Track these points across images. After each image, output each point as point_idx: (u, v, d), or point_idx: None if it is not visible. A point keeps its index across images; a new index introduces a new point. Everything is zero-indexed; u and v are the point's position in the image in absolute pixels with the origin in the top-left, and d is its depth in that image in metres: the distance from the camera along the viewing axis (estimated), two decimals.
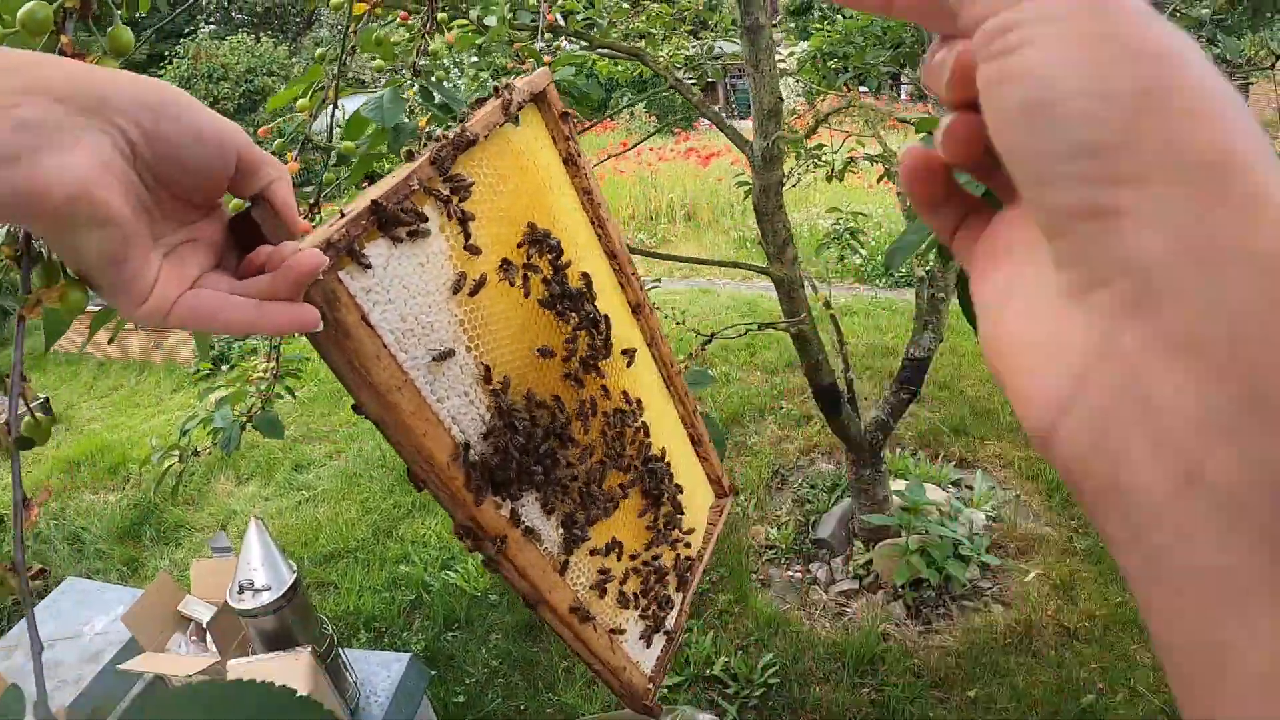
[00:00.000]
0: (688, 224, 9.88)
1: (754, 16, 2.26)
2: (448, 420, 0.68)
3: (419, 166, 0.65)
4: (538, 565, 0.76)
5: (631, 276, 0.92)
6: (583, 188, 0.86)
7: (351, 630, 3.53)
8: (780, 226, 2.57)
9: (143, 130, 0.45)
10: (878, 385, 5.19)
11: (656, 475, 0.91)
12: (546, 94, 0.81)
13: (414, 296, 0.65)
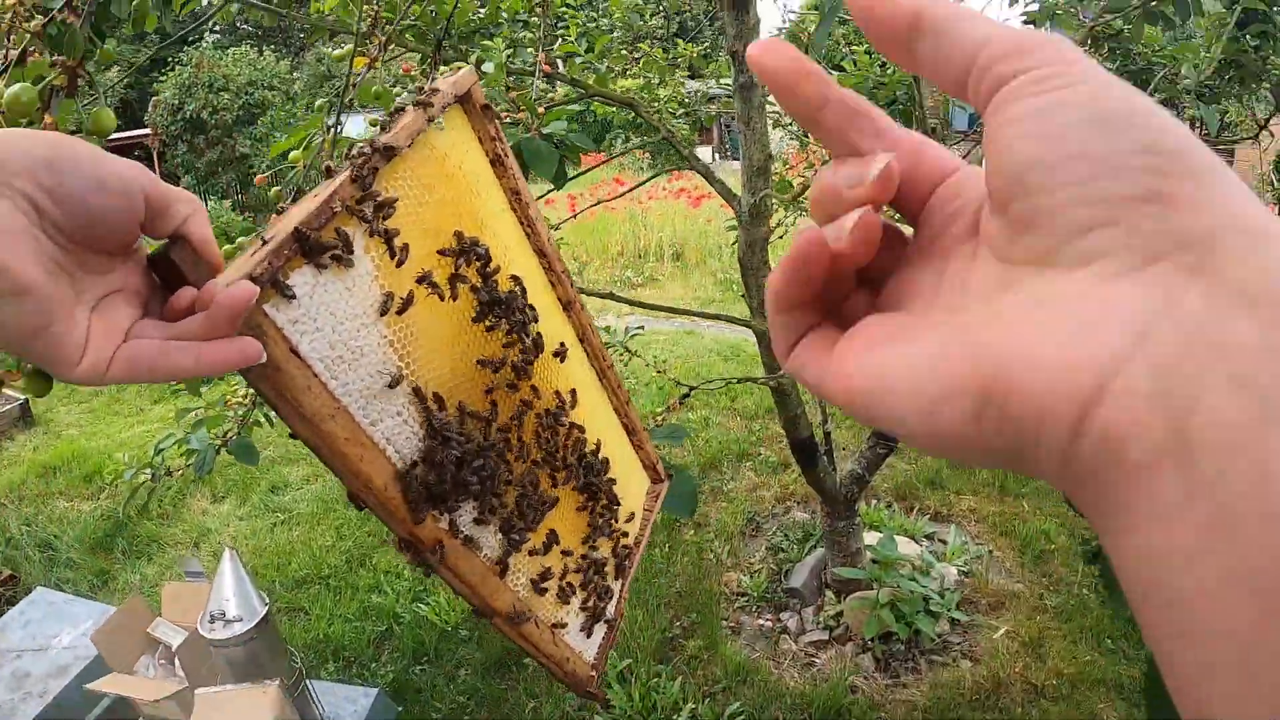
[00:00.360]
0: (676, 263, 9.93)
1: (748, 75, 2.30)
2: (382, 442, 0.68)
3: (340, 186, 0.64)
4: (478, 571, 0.77)
5: (561, 274, 0.92)
6: (510, 188, 0.86)
7: (320, 658, 3.51)
8: (764, 281, 2.60)
9: (42, 188, 0.44)
10: (856, 435, 5.20)
11: (592, 470, 0.92)
12: (471, 94, 0.80)
13: (342, 322, 0.64)
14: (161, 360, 0.49)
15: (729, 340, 7.23)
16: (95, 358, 0.47)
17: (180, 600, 2.33)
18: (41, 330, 0.45)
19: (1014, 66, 0.29)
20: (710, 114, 4.32)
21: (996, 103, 0.30)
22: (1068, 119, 0.28)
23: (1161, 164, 0.26)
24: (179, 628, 2.29)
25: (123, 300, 0.51)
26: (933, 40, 0.32)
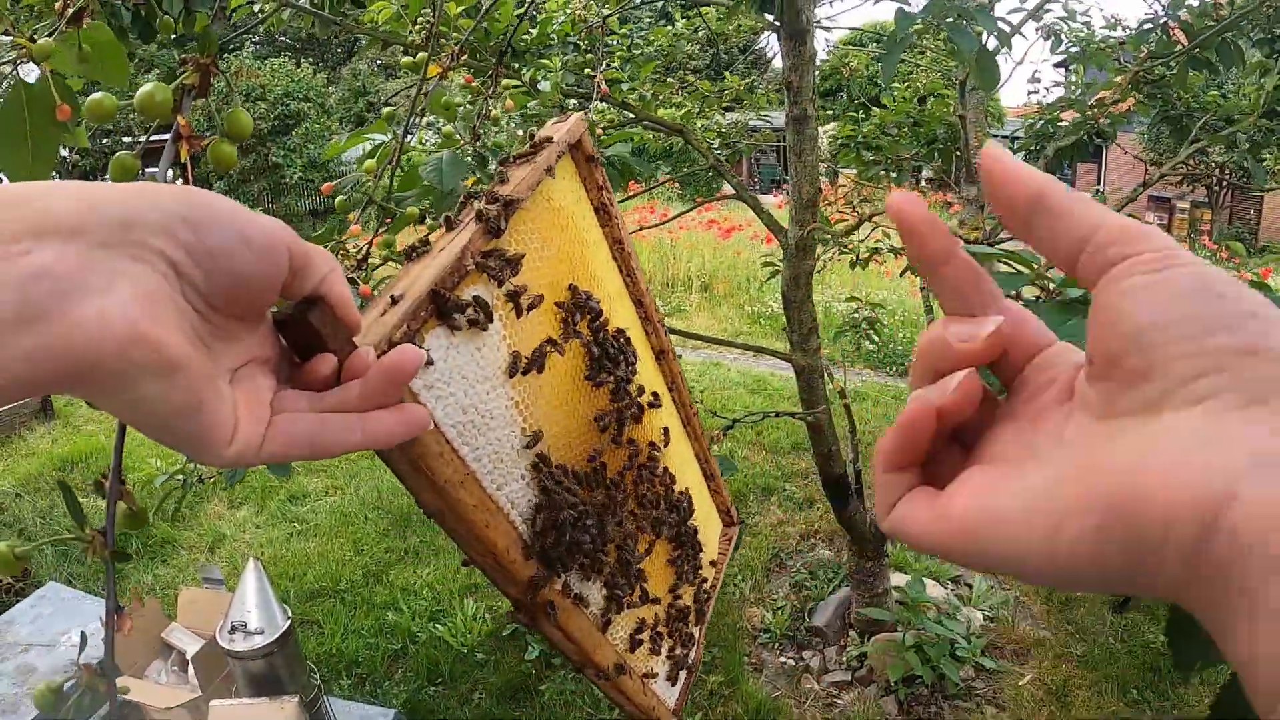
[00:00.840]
0: (704, 295, 9.90)
1: (801, 107, 2.27)
2: (507, 506, 0.67)
3: (470, 241, 0.62)
4: (585, 629, 0.76)
5: (658, 324, 0.91)
6: (615, 238, 0.85)
7: (333, 673, 3.47)
8: (807, 315, 2.57)
9: (184, 248, 0.39)
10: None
11: (681, 516, 0.91)
12: (581, 143, 0.79)
13: (473, 385, 0.63)
14: (321, 436, 0.45)
15: (754, 373, 7.19)
16: (247, 437, 0.43)
17: (196, 606, 2.30)
18: (190, 411, 0.40)
19: (1124, 250, 0.33)
20: (749, 146, 4.31)
21: (1108, 279, 0.34)
22: (1179, 288, 0.32)
23: (1261, 326, 0.30)
24: (194, 634, 2.26)
25: (259, 370, 0.46)
26: (1051, 219, 0.36)
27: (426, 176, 1.20)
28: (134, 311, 0.36)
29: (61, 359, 0.34)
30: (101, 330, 0.35)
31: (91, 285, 0.35)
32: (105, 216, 0.37)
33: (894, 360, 7.60)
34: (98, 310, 0.35)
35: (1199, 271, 0.32)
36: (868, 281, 8.61)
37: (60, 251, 0.35)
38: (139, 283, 0.37)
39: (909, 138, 4.05)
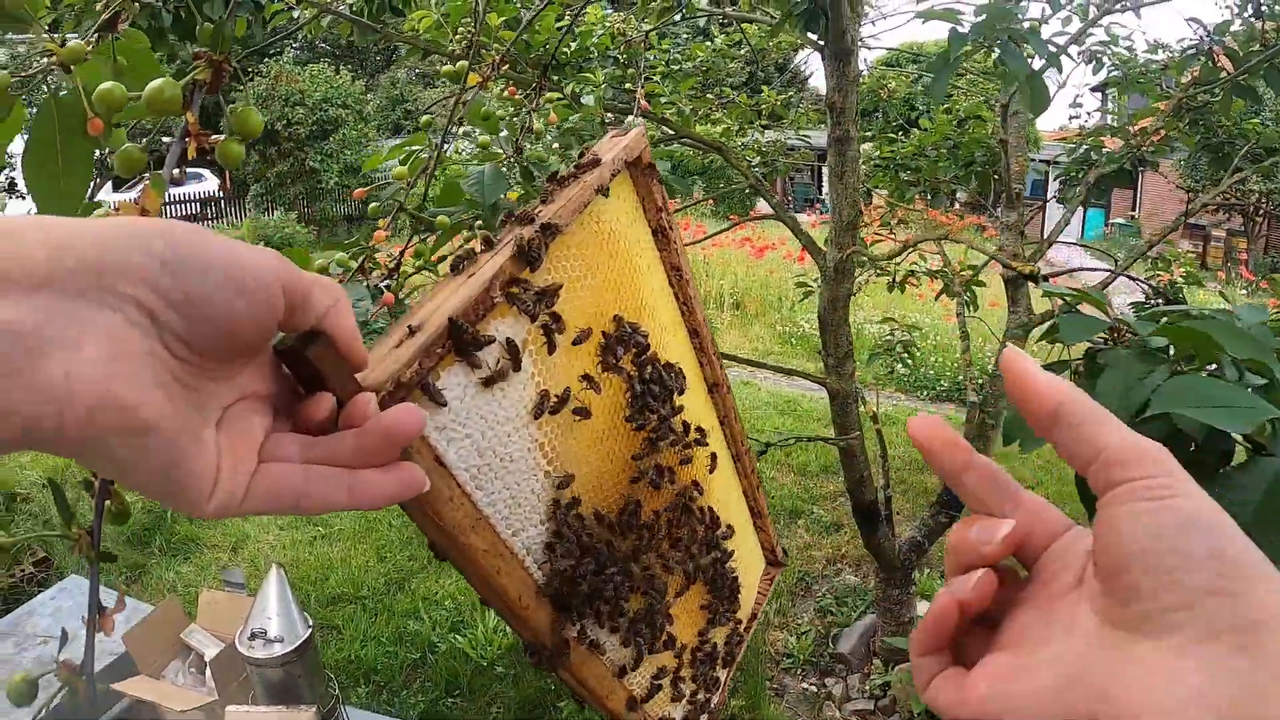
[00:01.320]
0: (735, 313, 9.86)
1: (844, 128, 2.25)
2: (521, 552, 0.63)
3: (501, 269, 0.57)
4: (599, 675, 0.72)
5: (713, 356, 0.86)
6: (672, 264, 0.79)
7: (351, 680, 3.45)
8: (844, 339, 2.54)
9: (161, 294, 0.36)
10: (911, 501, 5.10)
11: (718, 558, 0.85)
12: (642, 159, 0.72)
13: (493, 426, 0.58)
14: (306, 494, 0.42)
15: (785, 394, 7.14)
16: (228, 491, 0.40)
17: (217, 609, 2.28)
18: (165, 469, 0.37)
19: (1129, 473, 0.38)
20: (787, 165, 4.29)
21: (1111, 497, 0.38)
22: (1169, 522, 0.36)
23: (1227, 569, 0.34)
24: (213, 637, 2.24)
25: (250, 408, 0.43)
26: (1067, 431, 0.40)
27: (468, 190, 1.17)
28: (103, 371, 0.33)
29: (22, 425, 0.32)
30: (68, 394, 0.32)
31: (58, 341, 0.32)
32: (77, 262, 0.34)
33: (925, 385, 7.54)
34: (64, 371, 0.32)
35: (1190, 506, 0.36)
36: (901, 304, 8.54)
37: (25, 305, 0.32)
38: (111, 336, 0.34)
39: (948, 160, 4.02)
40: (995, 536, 0.43)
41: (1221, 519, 0.36)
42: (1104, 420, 0.40)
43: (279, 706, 1.78)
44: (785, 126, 4.55)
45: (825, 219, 2.68)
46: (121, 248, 0.35)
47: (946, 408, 7.17)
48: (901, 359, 4.01)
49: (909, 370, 7.37)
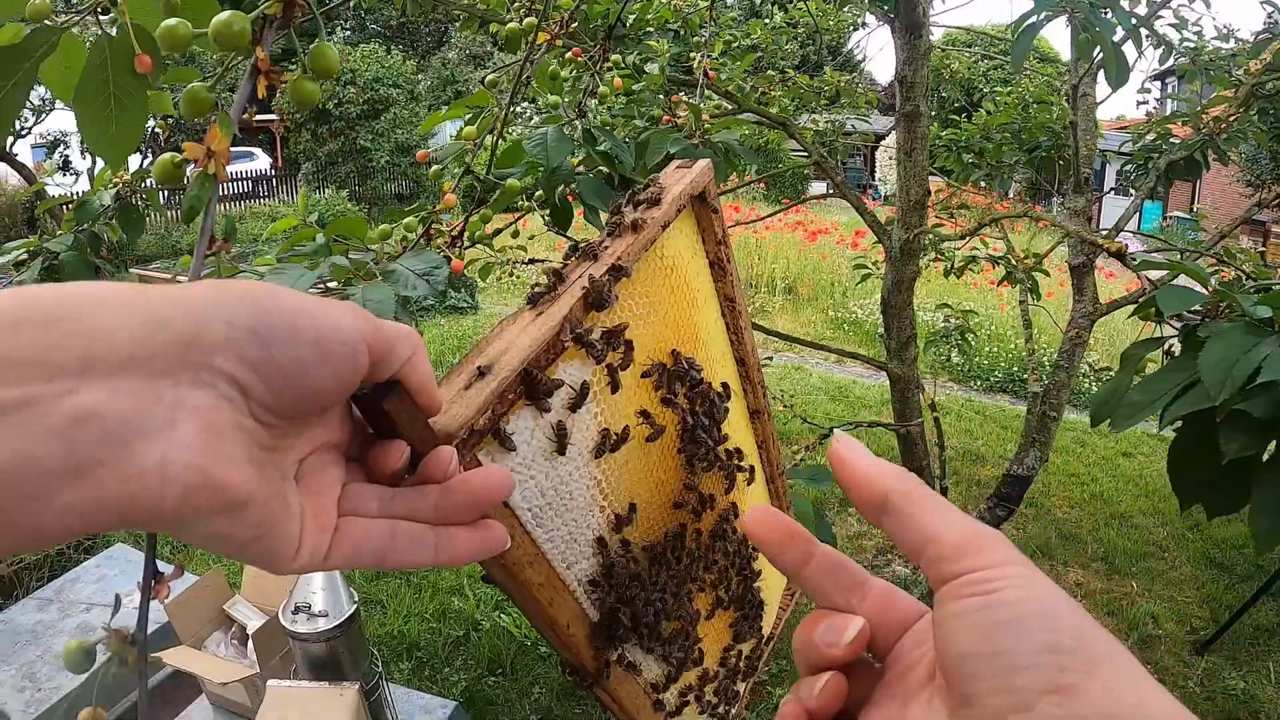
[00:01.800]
0: (787, 297, 9.77)
1: (914, 103, 2.17)
2: (574, 585, 0.63)
3: (570, 312, 0.56)
4: (633, 694, 0.73)
5: (757, 384, 0.86)
6: (726, 295, 0.79)
7: (394, 655, 3.45)
8: (907, 323, 2.46)
9: (251, 366, 0.35)
10: (964, 492, 5.02)
11: (748, 581, 0.86)
12: (706, 193, 0.72)
13: (555, 467, 0.58)
14: (392, 552, 0.42)
15: (836, 380, 7.07)
16: (313, 550, 0.40)
17: (261, 582, 2.27)
18: (256, 539, 0.37)
19: (954, 568, 0.37)
20: (845, 147, 4.22)
21: (941, 595, 0.37)
22: (996, 620, 0.34)
23: (1063, 661, 0.32)
24: (257, 610, 2.23)
25: (325, 459, 0.42)
26: (895, 520, 0.40)
27: (531, 151, 1.13)
28: (199, 457, 0.32)
29: (118, 512, 0.31)
30: (163, 481, 0.31)
31: (149, 426, 0.31)
32: (163, 337, 0.32)
33: (979, 375, 7.43)
34: (159, 458, 0.31)
35: (1015, 597, 0.35)
36: (955, 292, 8.42)
37: (112, 389, 0.30)
38: (203, 415, 0.33)
39: (1012, 144, 3.93)
40: (841, 640, 0.41)
41: (1055, 605, 0.35)
42: (932, 508, 0.39)
43: (321, 682, 1.76)
44: (843, 107, 4.47)
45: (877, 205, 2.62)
46: (209, 318, 0.34)
47: (1000, 399, 7.07)
48: (958, 346, 3.93)
49: (964, 359, 7.27)
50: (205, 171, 0.64)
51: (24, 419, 0.29)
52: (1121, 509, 4.90)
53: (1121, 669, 0.33)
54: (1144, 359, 1.22)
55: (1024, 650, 0.33)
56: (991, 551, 0.37)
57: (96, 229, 1.44)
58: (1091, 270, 2.86)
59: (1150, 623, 3.76)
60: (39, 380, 0.29)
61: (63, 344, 0.30)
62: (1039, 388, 2.94)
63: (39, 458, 0.29)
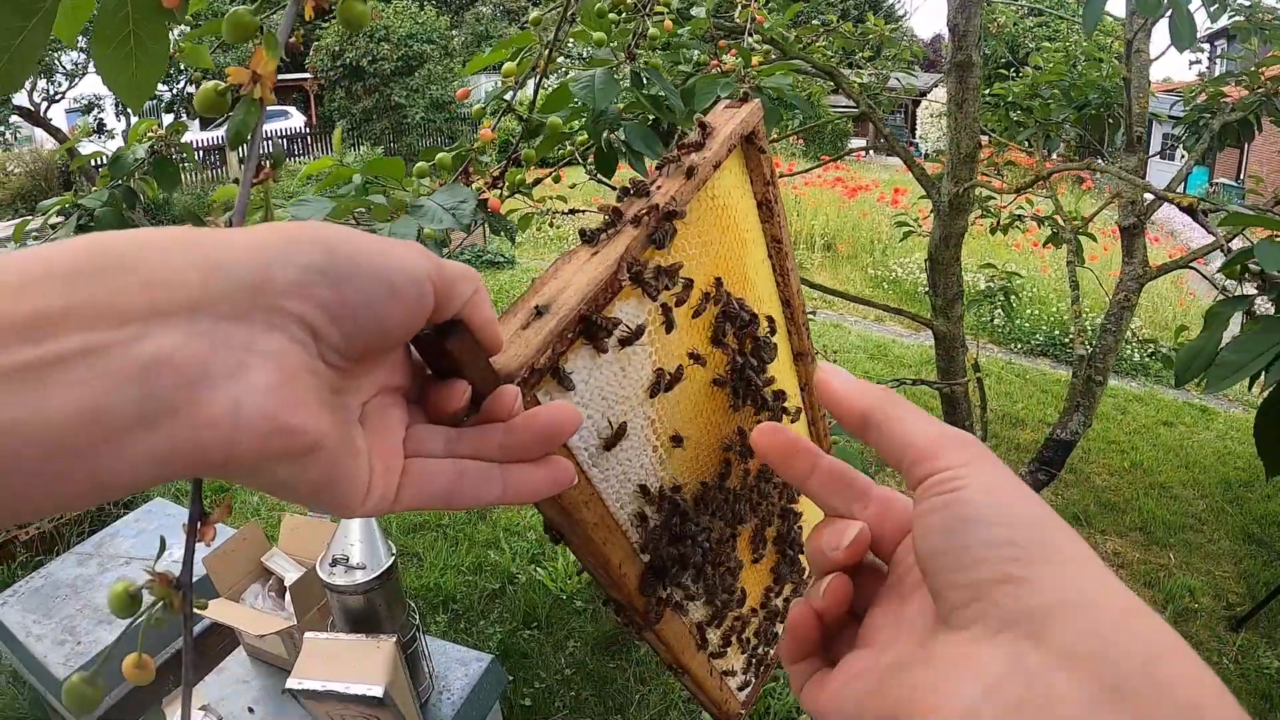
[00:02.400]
0: (826, 254, 9.68)
1: (966, 52, 2.11)
2: (626, 524, 0.63)
3: (627, 250, 0.56)
4: (678, 633, 0.74)
5: (801, 326, 0.85)
6: (773, 235, 0.77)
7: (430, 607, 3.48)
8: (954, 280, 2.41)
9: (322, 308, 0.34)
10: (1002, 456, 4.97)
11: (790, 524, 0.86)
12: (755, 134, 0.71)
13: (612, 406, 0.58)
14: (460, 491, 0.42)
15: (875, 338, 7.02)
16: (382, 493, 0.39)
17: (299, 534, 2.28)
18: (327, 483, 0.36)
19: (925, 469, 0.38)
20: (890, 101, 4.15)
21: (916, 497, 0.39)
22: (955, 516, 0.36)
23: (1016, 553, 0.34)
24: (294, 562, 2.24)
25: (388, 402, 0.42)
26: (876, 435, 0.42)
27: (578, 94, 1.10)
28: (271, 401, 0.32)
29: (190, 457, 0.30)
30: (235, 427, 0.31)
31: (220, 371, 0.30)
32: (231, 281, 0.31)
33: (1020, 337, 7.34)
34: (231, 403, 0.30)
35: (977, 497, 0.36)
36: (996, 253, 8.31)
37: (184, 334, 0.30)
38: (274, 360, 0.32)
39: (1061, 102, 3.84)
40: (842, 542, 0.43)
41: (1012, 502, 0.36)
42: (908, 417, 0.41)
43: (358, 634, 1.76)
44: (887, 60, 4.40)
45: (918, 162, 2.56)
46: (278, 262, 0.33)
47: (1041, 362, 6.99)
48: (1002, 306, 3.88)
49: (1005, 321, 7.19)
50: (251, 96, 0.62)
51: (96, 366, 0.28)
52: (1161, 479, 4.84)
53: (1074, 560, 0.34)
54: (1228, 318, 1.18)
55: (979, 543, 0.35)
56: (958, 451, 0.38)
57: (132, 184, 1.42)
58: (1141, 232, 2.80)
59: (1187, 596, 3.72)
60: (109, 327, 0.28)
61: (131, 291, 0.29)
62: (1085, 351, 2.88)
63: (112, 404, 0.28)
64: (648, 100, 1.19)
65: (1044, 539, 0.34)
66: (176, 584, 0.61)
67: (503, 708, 2.74)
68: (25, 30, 0.72)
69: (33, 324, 0.27)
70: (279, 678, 2.09)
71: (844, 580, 0.44)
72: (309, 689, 1.65)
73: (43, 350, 0.27)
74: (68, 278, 0.28)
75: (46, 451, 0.27)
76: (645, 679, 3.09)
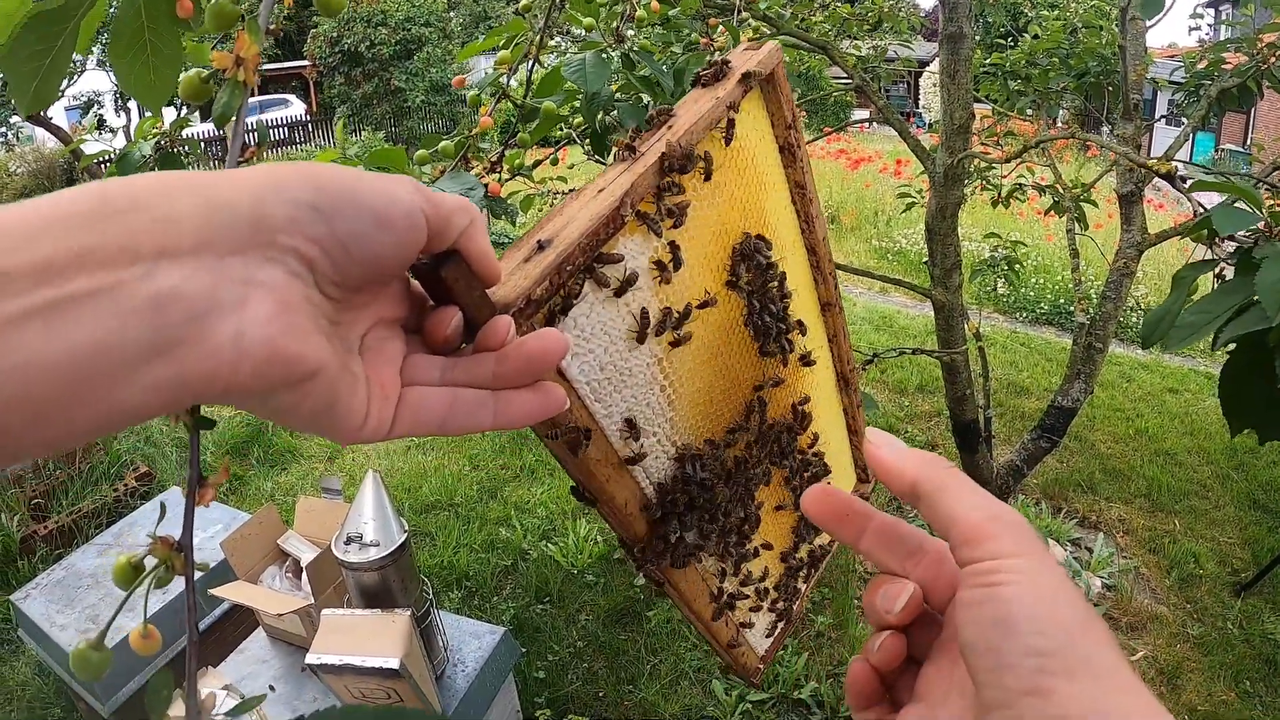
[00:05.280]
0: (830, 227, 9.65)
1: (957, 24, 2.12)
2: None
3: (632, 187, 0.57)
4: (691, 579, 0.75)
5: (828, 275, 0.84)
6: (796, 181, 0.77)
7: (444, 585, 3.52)
8: (951, 249, 2.44)
9: (316, 241, 0.36)
10: (1007, 425, 4.99)
11: (813, 475, 0.87)
12: (775, 75, 0.70)
13: (615, 341, 0.59)
14: (453, 418, 0.43)
15: (880, 310, 7.02)
16: (378, 419, 0.41)
17: (314, 515, 2.31)
18: (326, 409, 0.38)
19: (969, 554, 0.39)
20: (889, 73, 4.14)
21: (961, 579, 0.39)
22: (992, 616, 0.37)
23: (1044, 664, 0.35)
24: (309, 543, 2.28)
25: (385, 333, 0.44)
26: (924, 505, 0.42)
27: (569, 77, 1.13)
28: (272, 328, 0.34)
29: (195, 387, 0.32)
30: (238, 354, 0.33)
31: (224, 303, 0.32)
32: (230, 218, 0.34)
33: (1025, 307, 7.33)
34: (234, 332, 0.33)
35: (1012, 596, 0.37)
36: (1000, 223, 8.29)
37: (189, 270, 0.32)
38: (273, 291, 0.34)
39: (1060, 70, 3.84)
40: (895, 606, 0.45)
41: (1050, 606, 0.37)
42: (955, 492, 0.41)
43: (374, 610, 1.80)
44: (886, 32, 4.39)
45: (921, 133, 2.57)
46: (272, 199, 0.35)
47: (1046, 331, 6.99)
48: (1005, 276, 3.89)
49: (1010, 290, 7.18)
50: (235, 79, 0.65)
51: (108, 302, 0.30)
52: (1166, 445, 4.85)
53: (1102, 672, 0.35)
54: (1195, 282, 1.21)
55: (1010, 650, 0.36)
56: (1002, 540, 0.39)
57: None
58: (1140, 199, 2.81)
59: (1192, 562, 3.74)
60: (120, 267, 0.30)
61: (138, 232, 0.31)
62: (1085, 318, 2.90)
63: (124, 338, 0.30)
64: (639, 81, 1.22)
65: (1075, 649, 0.35)
66: (178, 545, 0.64)
67: (517, 680, 2.78)
68: (54, 50, 0.76)
69: (47, 267, 0.29)
70: (298, 656, 2.14)
71: (897, 639, 0.45)
72: (327, 663, 1.69)
73: (57, 291, 0.29)
74: (78, 222, 0.30)
75: (60, 386, 0.29)
76: (656, 649, 3.14)
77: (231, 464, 4.59)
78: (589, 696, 3.00)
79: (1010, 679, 0.35)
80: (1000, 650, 0.36)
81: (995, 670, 0.36)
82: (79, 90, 15.94)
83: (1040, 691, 0.35)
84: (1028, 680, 0.35)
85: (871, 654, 0.45)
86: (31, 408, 0.29)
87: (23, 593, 2.62)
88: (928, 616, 0.46)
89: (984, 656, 0.37)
